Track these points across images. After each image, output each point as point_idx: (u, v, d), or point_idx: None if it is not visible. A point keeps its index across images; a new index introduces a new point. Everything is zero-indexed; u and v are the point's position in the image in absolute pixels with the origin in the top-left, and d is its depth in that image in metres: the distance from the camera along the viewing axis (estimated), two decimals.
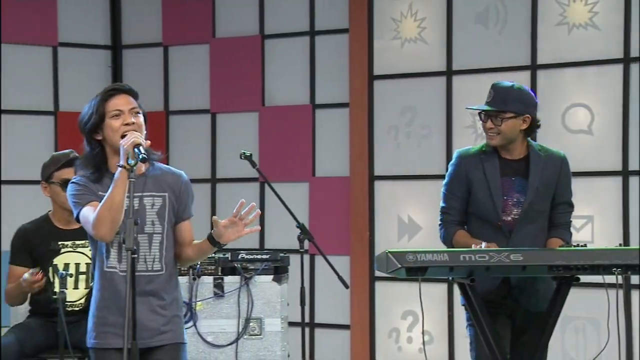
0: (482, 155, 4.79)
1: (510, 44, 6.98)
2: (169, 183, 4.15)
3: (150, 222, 4.09)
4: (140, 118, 4.10)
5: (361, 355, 7.40)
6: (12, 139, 7.74)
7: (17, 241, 5.30)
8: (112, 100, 4.09)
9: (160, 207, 4.12)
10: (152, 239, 4.09)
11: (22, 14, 7.77)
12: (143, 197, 4.09)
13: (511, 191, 4.76)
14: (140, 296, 4.01)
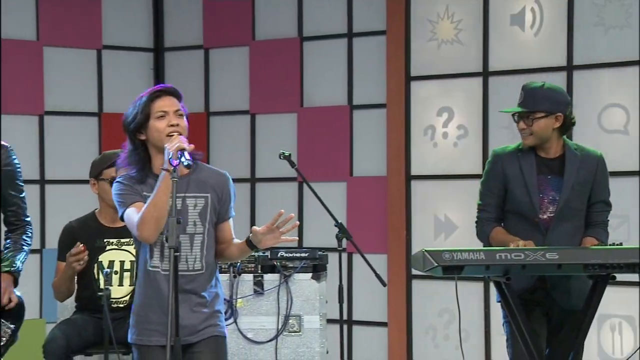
0: (518, 153, 4.80)
1: (546, 45, 6.96)
2: (212, 184, 4.16)
3: (192, 223, 4.11)
4: (183, 120, 4.11)
5: (398, 352, 7.40)
6: (56, 139, 7.81)
7: (64, 238, 5.35)
8: (158, 102, 4.10)
9: (203, 208, 4.13)
10: (193, 239, 4.11)
11: (67, 18, 7.83)
12: (186, 197, 4.11)
13: (547, 189, 4.76)
14: (181, 294, 4.03)
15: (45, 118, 7.79)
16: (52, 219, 7.59)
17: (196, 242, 4.11)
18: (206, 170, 4.20)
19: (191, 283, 4.09)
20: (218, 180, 4.18)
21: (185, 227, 4.08)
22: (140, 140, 4.12)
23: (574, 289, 4.73)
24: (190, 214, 4.10)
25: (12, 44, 7.62)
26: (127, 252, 5.31)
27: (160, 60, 8.23)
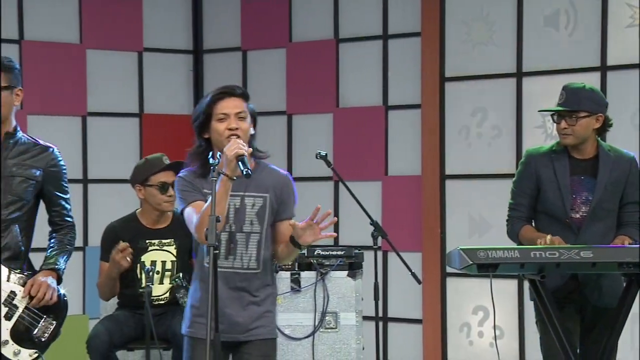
0: (552, 154, 4.80)
1: (580, 45, 6.93)
2: (271, 184, 4.14)
3: (249, 222, 4.10)
4: (245, 123, 4.08)
5: (433, 349, 7.40)
6: (99, 140, 7.86)
7: (106, 238, 5.40)
8: (220, 103, 4.08)
9: (260, 208, 4.12)
10: (249, 238, 4.10)
11: (109, 22, 7.88)
12: (244, 197, 4.10)
13: (580, 189, 4.76)
14: (234, 292, 4.05)
15: (88, 119, 7.84)
16: (95, 218, 7.64)
17: (252, 241, 4.11)
18: (267, 170, 4.18)
19: (245, 281, 4.09)
20: (278, 180, 4.17)
21: (242, 226, 4.09)
22: (204, 138, 4.12)
23: (605, 287, 4.73)
24: (247, 213, 4.10)
25: (56, 47, 7.70)
26: (168, 252, 5.35)
27: (199, 62, 8.26)
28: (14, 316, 4.27)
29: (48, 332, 4.34)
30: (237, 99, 4.10)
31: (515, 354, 7.08)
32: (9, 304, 4.27)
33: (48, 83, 7.64)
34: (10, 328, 4.26)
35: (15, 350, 4.26)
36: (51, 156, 4.39)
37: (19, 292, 4.30)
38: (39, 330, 4.32)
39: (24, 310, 4.29)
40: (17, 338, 4.27)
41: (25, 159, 4.33)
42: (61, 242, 4.44)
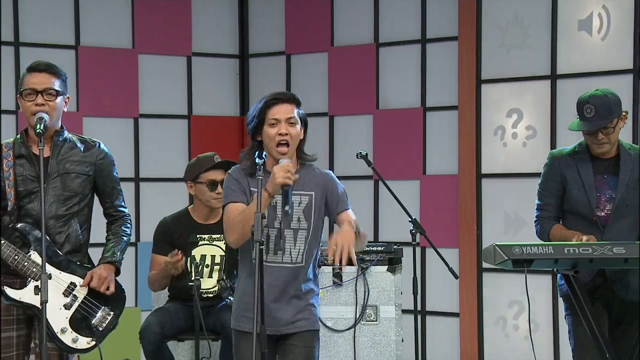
0: (575, 155, 4.79)
1: (612, 49, 6.88)
2: (316, 183, 4.16)
3: (297, 219, 4.12)
4: (295, 129, 4.09)
5: (470, 341, 7.39)
6: (150, 140, 7.91)
7: (159, 232, 5.43)
8: (273, 109, 4.09)
9: (307, 205, 4.14)
10: (297, 235, 4.12)
11: (160, 28, 7.92)
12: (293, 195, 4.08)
13: (604, 188, 4.74)
14: (279, 286, 4.06)
15: (140, 120, 7.90)
16: (146, 215, 7.69)
17: (300, 237, 4.13)
18: (311, 171, 4.20)
19: (291, 275, 4.11)
20: (321, 179, 4.18)
21: (290, 223, 4.11)
22: (257, 140, 4.14)
23: (633, 282, 4.70)
24: (295, 210, 4.10)
25: (110, 52, 7.76)
26: (217, 247, 5.36)
27: (245, 66, 8.28)
28: (74, 306, 4.31)
29: (105, 322, 4.38)
30: (289, 105, 4.11)
31: (550, 347, 7.06)
32: (69, 294, 4.32)
33: (102, 86, 7.70)
34: (70, 317, 4.30)
35: (74, 338, 4.30)
36: (99, 150, 4.43)
37: (78, 283, 4.35)
38: (97, 320, 4.36)
39: (83, 300, 4.34)
40: (76, 326, 4.31)
41: (76, 156, 4.37)
42: (117, 234, 4.48)
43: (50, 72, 4.30)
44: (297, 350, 4.12)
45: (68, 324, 4.29)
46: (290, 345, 4.12)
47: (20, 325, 4.31)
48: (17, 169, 4.27)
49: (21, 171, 4.28)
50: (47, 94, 4.27)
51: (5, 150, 4.29)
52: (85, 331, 4.32)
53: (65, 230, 4.33)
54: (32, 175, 4.26)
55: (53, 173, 4.30)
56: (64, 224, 4.33)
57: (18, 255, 4.21)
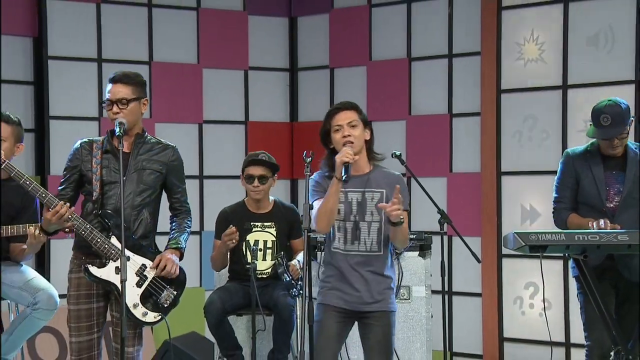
0: (587, 154, 4.77)
1: (616, 62, 6.82)
2: (386, 181, 4.18)
3: (370, 213, 4.14)
4: (356, 130, 4.12)
5: (491, 318, 7.34)
6: (212, 142, 7.94)
7: (219, 221, 5.46)
8: (335, 117, 4.14)
9: (378, 201, 4.15)
10: (371, 226, 4.14)
11: (221, 45, 7.94)
12: (365, 192, 4.14)
13: (613, 182, 4.71)
14: (359, 270, 4.09)
15: (204, 126, 7.92)
16: (209, 207, 7.72)
17: (373, 228, 4.14)
18: (383, 171, 4.23)
19: (369, 261, 4.12)
20: (392, 179, 4.20)
21: (364, 216, 4.12)
22: (330, 148, 4.19)
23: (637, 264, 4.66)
24: (368, 205, 4.13)
25: (178, 67, 7.80)
26: (269, 233, 5.37)
27: (294, 78, 8.28)
28: (144, 284, 4.34)
29: (169, 300, 4.40)
30: (348, 111, 4.15)
31: (561, 323, 6.99)
32: (140, 274, 4.35)
33: (172, 96, 7.75)
34: (140, 294, 4.33)
35: (143, 312, 4.33)
36: (172, 152, 4.47)
37: (148, 265, 4.38)
38: (163, 297, 4.38)
39: (152, 280, 4.36)
40: (145, 302, 4.34)
41: (152, 155, 4.40)
42: (180, 225, 4.50)
43: (123, 82, 4.34)
44: (375, 328, 4.13)
45: (139, 300, 4.33)
46: (369, 324, 4.15)
47: (99, 299, 4.35)
48: (103, 162, 4.32)
49: (106, 164, 4.33)
50: (120, 104, 4.31)
51: (96, 149, 4.34)
52: (153, 307, 4.35)
53: (139, 218, 4.36)
54: (115, 169, 4.30)
55: (131, 168, 4.34)
56: (137, 212, 4.36)
57: (100, 238, 4.25)
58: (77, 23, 7.44)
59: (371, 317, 4.12)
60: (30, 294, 4.69)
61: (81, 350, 4.28)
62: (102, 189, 4.28)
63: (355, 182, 4.08)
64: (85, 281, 4.31)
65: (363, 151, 4.18)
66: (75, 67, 7.41)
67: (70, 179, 4.32)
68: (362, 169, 4.12)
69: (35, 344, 6.76)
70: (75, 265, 4.35)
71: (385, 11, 7.85)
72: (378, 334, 4.11)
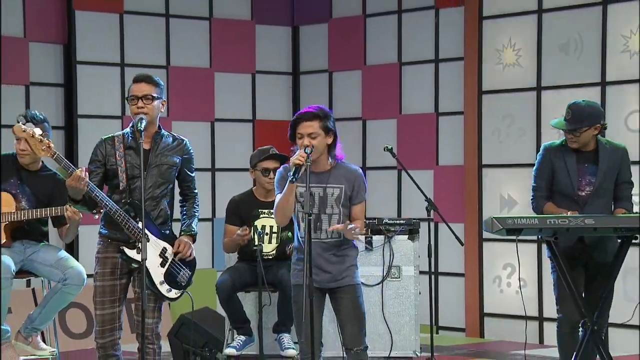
0: (562, 148, 4.76)
1: (585, 66, 6.83)
2: (346, 177, 4.17)
3: (330, 206, 4.14)
4: (317, 139, 4.08)
5: (472, 295, 7.36)
6: (223, 139, 7.93)
7: (230, 207, 5.46)
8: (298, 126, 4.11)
9: (338, 195, 4.15)
10: (331, 218, 4.14)
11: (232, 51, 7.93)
12: (326, 187, 4.14)
13: (584, 174, 4.71)
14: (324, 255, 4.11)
15: (215, 124, 7.93)
16: (220, 196, 7.73)
17: (333, 219, 4.15)
18: (343, 168, 4.20)
19: (331, 247, 4.14)
20: (351, 175, 4.18)
21: (325, 209, 4.13)
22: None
23: (605, 246, 4.67)
24: (329, 199, 4.14)
25: (193, 70, 7.79)
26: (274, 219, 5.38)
27: (297, 81, 8.27)
28: (166, 265, 4.37)
29: (186, 279, 4.42)
30: (309, 122, 4.09)
31: (535, 300, 7.01)
32: (162, 255, 4.37)
33: (186, 97, 7.75)
34: (164, 273, 4.35)
35: (167, 289, 4.35)
36: (185, 146, 4.47)
37: (168, 248, 4.40)
38: (180, 277, 4.40)
39: (172, 261, 4.39)
40: (168, 280, 4.36)
41: (169, 150, 4.40)
42: (190, 211, 4.47)
43: (148, 82, 4.35)
44: (344, 301, 4.15)
45: (163, 278, 4.35)
46: (339, 298, 4.17)
47: (122, 277, 4.37)
48: (127, 157, 4.32)
49: (130, 159, 4.33)
50: (145, 99, 4.31)
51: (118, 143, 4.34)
52: (174, 284, 4.38)
53: (158, 208, 4.38)
54: (138, 164, 4.30)
55: (152, 164, 4.34)
56: (157, 203, 4.37)
57: (130, 223, 4.28)
58: (102, 32, 7.46)
59: (340, 292, 4.17)
60: (61, 271, 4.73)
61: (105, 321, 4.31)
62: (127, 181, 4.30)
63: (318, 179, 4.10)
64: (111, 260, 4.34)
65: (325, 152, 4.16)
66: (100, 71, 7.43)
67: (96, 172, 4.33)
68: (323, 167, 4.13)
69: (66, 318, 6.80)
70: (102, 246, 4.37)
71: (378, 21, 7.86)
72: (348, 305, 4.15)
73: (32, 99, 7.26)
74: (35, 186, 4.79)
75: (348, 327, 4.15)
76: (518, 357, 6.28)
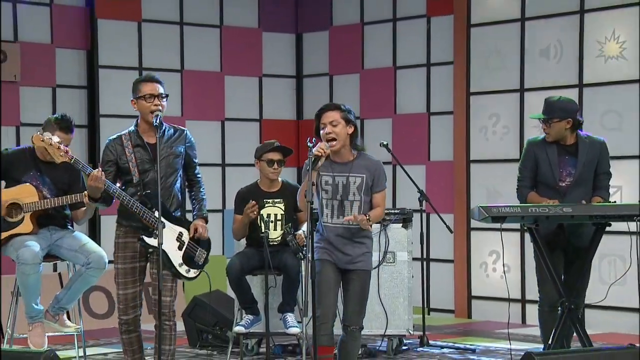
0: (545, 142, 4.77)
1: (563, 70, 6.85)
2: (367, 167, 4.19)
3: (352, 193, 4.16)
4: (338, 127, 4.12)
5: (461, 280, 7.37)
6: (232, 137, 7.95)
7: (237, 198, 5.43)
8: (321, 117, 4.16)
9: (360, 184, 4.17)
10: (352, 205, 4.16)
11: (240, 56, 7.94)
12: (349, 176, 4.15)
13: (565, 166, 4.72)
14: (345, 239, 4.15)
15: (225, 123, 7.94)
16: (229, 189, 7.73)
17: (354, 206, 4.16)
18: (365, 158, 4.22)
19: (351, 232, 4.16)
20: (372, 165, 4.20)
21: (348, 195, 4.15)
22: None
23: (582, 233, 4.68)
24: (351, 187, 4.15)
25: (205, 74, 7.81)
26: (279, 208, 5.34)
27: (300, 83, 8.28)
28: (183, 247, 4.38)
29: (202, 258, 4.43)
30: (331, 112, 4.14)
31: (518, 283, 7.03)
32: (179, 239, 4.39)
33: (199, 98, 7.77)
34: (182, 255, 4.36)
35: (186, 269, 4.36)
36: (186, 135, 4.46)
37: (184, 232, 4.41)
38: (197, 257, 4.42)
39: (188, 243, 4.40)
40: (187, 262, 4.37)
41: (173, 141, 4.39)
42: (197, 196, 4.47)
43: (159, 82, 4.38)
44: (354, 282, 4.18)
45: (182, 260, 4.36)
46: (352, 280, 4.20)
47: (140, 259, 4.39)
48: (136, 153, 4.33)
49: (139, 156, 4.33)
50: (160, 98, 4.34)
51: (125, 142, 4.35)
52: (192, 265, 4.38)
53: (171, 196, 4.40)
54: (147, 159, 4.31)
55: (161, 157, 4.35)
56: (169, 192, 4.38)
57: (146, 213, 4.30)
58: (122, 38, 7.49)
59: (353, 274, 4.20)
60: (85, 256, 4.75)
61: (127, 300, 4.34)
62: (140, 175, 4.32)
63: (341, 168, 4.13)
64: (131, 245, 4.36)
65: (347, 144, 4.18)
66: (120, 75, 7.45)
67: (109, 171, 4.32)
68: (346, 157, 4.15)
69: (89, 300, 6.84)
70: (121, 232, 4.39)
71: (375, 28, 7.88)
72: (357, 287, 4.19)
73: (58, 99, 7.30)
74: (54, 176, 4.82)
75: (351, 306, 4.18)
76: (502, 335, 6.30)
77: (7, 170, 4.79)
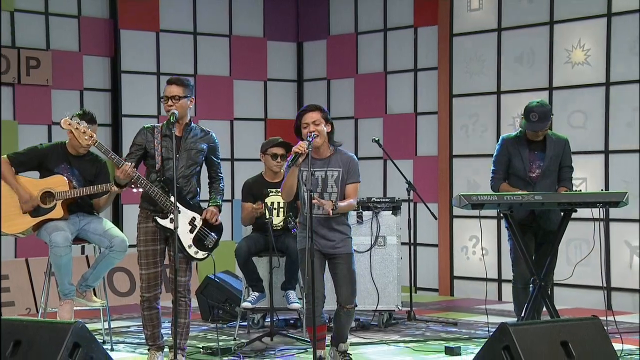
0: (517, 139, 4.80)
1: (535, 75, 6.86)
2: (342, 162, 4.19)
3: (331, 186, 4.17)
4: (319, 126, 4.11)
5: (444, 262, 7.39)
6: (241, 134, 7.94)
7: (244, 188, 5.47)
8: (304, 117, 4.16)
9: (337, 177, 4.17)
10: (330, 196, 4.16)
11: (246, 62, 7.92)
12: (327, 170, 4.15)
13: (535, 159, 4.75)
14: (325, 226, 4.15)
15: (234, 122, 7.94)
16: (238, 181, 7.67)
17: (332, 198, 4.17)
18: (341, 153, 4.22)
19: (330, 221, 4.17)
20: (347, 159, 4.21)
21: (326, 188, 4.15)
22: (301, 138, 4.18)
23: (551, 218, 4.71)
24: (329, 180, 4.16)
25: (215, 79, 7.80)
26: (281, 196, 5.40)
27: (301, 87, 8.28)
28: (195, 231, 4.39)
29: (212, 242, 4.42)
30: (313, 112, 4.13)
31: (495, 265, 7.04)
32: (191, 224, 4.39)
33: (211, 100, 7.76)
34: (192, 238, 4.37)
35: (195, 251, 4.37)
36: (211, 137, 4.49)
37: (197, 217, 4.42)
38: (208, 241, 4.42)
39: (200, 228, 4.41)
40: (196, 244, 4.37)
41: (197, 139, 4.41)
42: (217, 189, 4.48)
43: (177, 84, 4.36)
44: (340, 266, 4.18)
45: (192, 242, 4.37)
46: (336, 263, 4.19)
47: (160, 242, 4.38)
48: (163, 143, 4.35)
49: (165, 145, 4.35)
50: (173, 99, 4.34)
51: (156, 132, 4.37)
52: (201, 247, 4.39)
53: (189, 184, 4.41)
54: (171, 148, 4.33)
55: (182, 149, 4.37)
56: (187, 180, 4.40)
57: (163, 197, 4.31)
58: (142, 46, 7.49)
59: (337, 258, 4.20)
60: (108, 240, 4.77)
61: (150, 279, 4.34)
62: (162, 162, 4.34)
63: (320, 163, 4.13)
64: (151, 229, 4.36)
65: (325, 141, 4.18)
66: (141, 79, 7.46)
67: (135, 153, 4.33)
68: (325, 154, 4.16)
69: (113, 280, 6.86)
70: (143, 217, 4.40)
71: (368, 37, 7.88)
72: (344, 269, 4.19)
73: (85, 101, 7.31)
74: (82, 168, 4.85)
75: (342, 288, 4.18)
76: (481, 310, 6.33)
77: (42, 162, 4.83)
